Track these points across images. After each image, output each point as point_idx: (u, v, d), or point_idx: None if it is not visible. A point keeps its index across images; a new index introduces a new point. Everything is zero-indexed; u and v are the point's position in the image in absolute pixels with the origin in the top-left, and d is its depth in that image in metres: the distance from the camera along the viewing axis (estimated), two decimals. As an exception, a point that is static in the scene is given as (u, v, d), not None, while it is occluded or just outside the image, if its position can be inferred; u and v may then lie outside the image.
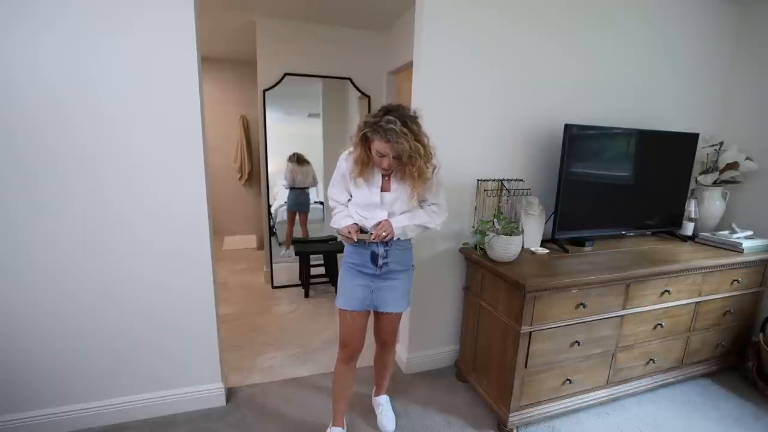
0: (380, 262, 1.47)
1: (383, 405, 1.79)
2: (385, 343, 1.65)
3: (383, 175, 1.45)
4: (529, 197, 2.02)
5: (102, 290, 1.59)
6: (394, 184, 1.46)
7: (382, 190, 1.45)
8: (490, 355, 1.83)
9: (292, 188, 3.50)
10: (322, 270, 3.36)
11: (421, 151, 1.32)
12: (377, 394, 1.84)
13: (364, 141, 1.37)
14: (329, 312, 2.92)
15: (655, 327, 1.89)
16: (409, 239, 1.53)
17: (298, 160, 3.47)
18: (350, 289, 1.51)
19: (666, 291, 1.85)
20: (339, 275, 1.57)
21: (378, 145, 1.32)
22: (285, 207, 3.58)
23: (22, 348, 1.55)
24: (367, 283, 1.50)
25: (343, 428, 1.67)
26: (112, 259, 1.58)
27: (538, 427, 1.77)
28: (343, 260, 1.56)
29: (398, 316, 1.58)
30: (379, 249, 1.46)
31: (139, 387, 1.73)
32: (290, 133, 3.44)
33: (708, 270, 1.93)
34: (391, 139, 1.27)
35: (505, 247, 1.71)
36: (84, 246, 1.54)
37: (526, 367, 1.65)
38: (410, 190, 1.42)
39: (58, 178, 1.46)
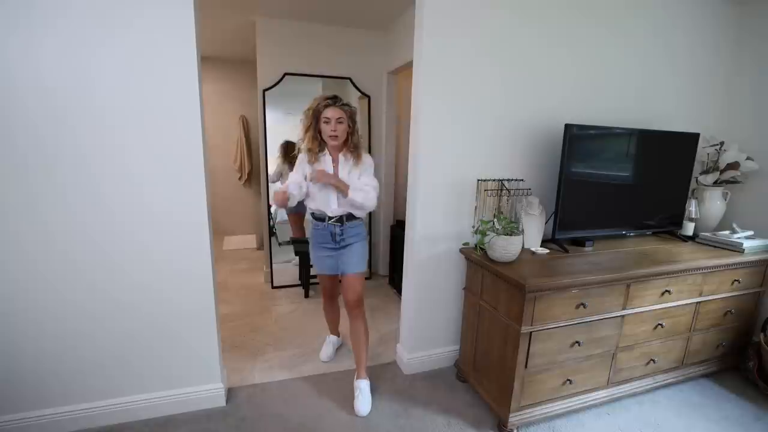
0: (338, 238, 1.88)
1: (361, 389, 1.89)
2: (352, 304, 1.91)
3: (333, 167, 1.84)
4: (530, 197, 2.02)
5: (102, 290, 1.59)
6: (342, 171, 1.84)
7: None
8: (490, 356, 1.82)
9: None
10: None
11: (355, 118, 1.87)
12: (357, 377, 1.95)
13: (316, 119, 1.79)
14: (329, 312, 2.91)
15: (655, 327, 1.89)
16: (360, 219, 1.93)
17: (291, 163, 3.37)
18: (320, 260, 1.95)
19: (666, 291, 1.84)
20: (310, 250, 2.00)
21: (329, 112, 1.75)
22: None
23: (22, 349, 1.55)
24: (331, 253, 1.92)
25: (339, 336, 2.34)
26: (111, 260, 1.58)
27: (538, 428, 1.77)
28: (310, 238, 1.98)
29: (360, 276, 1.92)
30: (336, 229, 1.87)
31: (139, 387, 1.73)
32: (290, 133, 3.43)
33: (708, 270, 1.92)
34: (338, 104, 1.78)
35: (505, 247, 1.71)
36: (84, 246, 1.54)
37: (526, 367, 1.64)
38: (353, 167, 1.85)
39: (58, 178, 1.46)
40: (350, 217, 1.88)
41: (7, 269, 1.47)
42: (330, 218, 1.86)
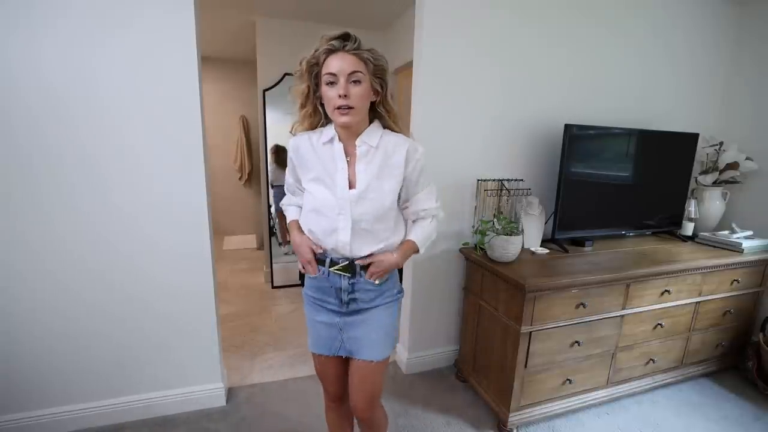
0: (346, 297, 1.09)
1: None
2: (362, 410, 1.19)
3: (348, 162, 1.07)
4: (529, 197, 2.02)
5: (103, 290, 1.59)
6: (362, 172, 1.04)
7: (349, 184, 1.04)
8: (490, 355, 1.83)
9: (273, 185, 3.42)
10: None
11: (385, 74, 1.06)
12: None
13: (315, 79, 1.05)
14: (329, 312, 2.91)
15: (655, 327, 1.89)
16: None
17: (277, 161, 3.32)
18: (312, 328, 1.17)
19: (666, 291, 1.85)
20: (304, 303, 1.22)
21: (333, 63, 0.97)
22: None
23: (23, 348, 1.55)
24: (332, 319, 1.12)
25: None
26: (115, 259, 1.58)
27: (537, 427, 1.77)
28: (303, 289, 1.20)
29: (378, 367, 1.13)
30: (343, 282, 1.06)
31: (139, 387, 1.73)
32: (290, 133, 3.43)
33: (708, 270, 1.93)
34: (350, 48, 0.98)
35: (505, 247, 1.71)
36: (86, 246, 1.54)
37: (526, 367, 1.65)
38: (397, 181, 1.05)
39: (61, 177, 1.46)
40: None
41: (11, 267, 1.47)
42: (333, 262, 1.07)
